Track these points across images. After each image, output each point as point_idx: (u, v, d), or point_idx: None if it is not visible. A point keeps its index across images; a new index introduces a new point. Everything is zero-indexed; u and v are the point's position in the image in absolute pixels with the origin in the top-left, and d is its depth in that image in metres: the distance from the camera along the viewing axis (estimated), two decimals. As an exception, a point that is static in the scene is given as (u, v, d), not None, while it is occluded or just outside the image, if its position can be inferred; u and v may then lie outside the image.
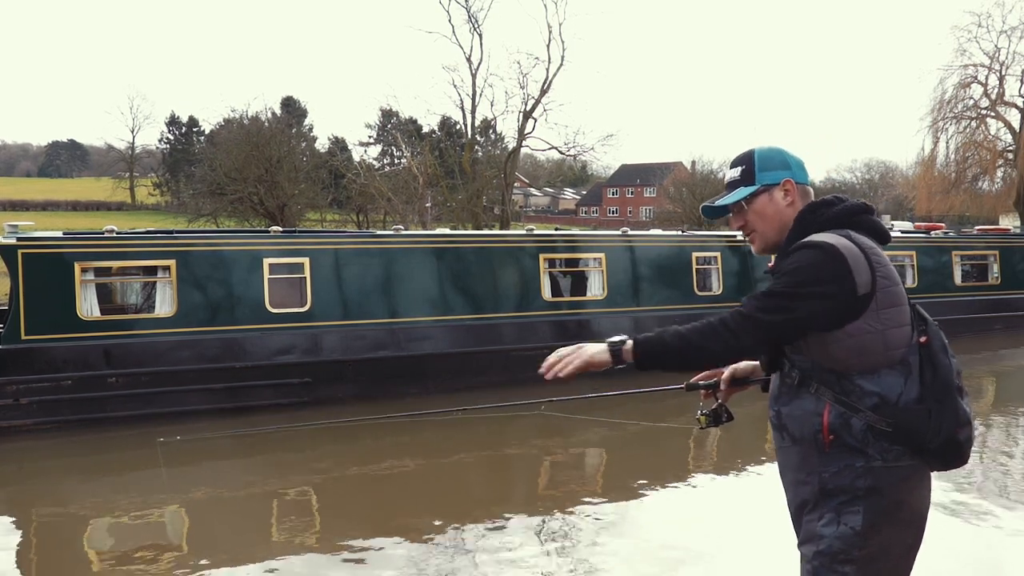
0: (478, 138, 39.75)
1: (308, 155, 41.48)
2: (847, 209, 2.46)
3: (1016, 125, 35.42)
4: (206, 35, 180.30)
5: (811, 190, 2.57)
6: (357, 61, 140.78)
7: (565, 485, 7.94)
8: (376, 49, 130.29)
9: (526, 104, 34.70)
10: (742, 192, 2.54)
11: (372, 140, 56.66)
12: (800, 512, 2.47)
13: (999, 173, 36.17)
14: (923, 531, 2.40)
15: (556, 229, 22.22)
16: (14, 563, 6.07)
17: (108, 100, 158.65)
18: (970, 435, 2.36)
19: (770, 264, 2.58)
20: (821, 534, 2.35)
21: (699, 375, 2.78)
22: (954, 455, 2.35)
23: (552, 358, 2.45)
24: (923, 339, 2.35)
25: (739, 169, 2.57)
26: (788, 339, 2.37)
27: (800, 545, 2.46)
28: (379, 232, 12.80)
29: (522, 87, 34.78)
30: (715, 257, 14.20)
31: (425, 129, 44.33)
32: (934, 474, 2.44)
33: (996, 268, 18.10)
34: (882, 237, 2.46)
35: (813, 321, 2.30)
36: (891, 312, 2.32)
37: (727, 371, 2.74)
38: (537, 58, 34.84)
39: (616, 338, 2.37)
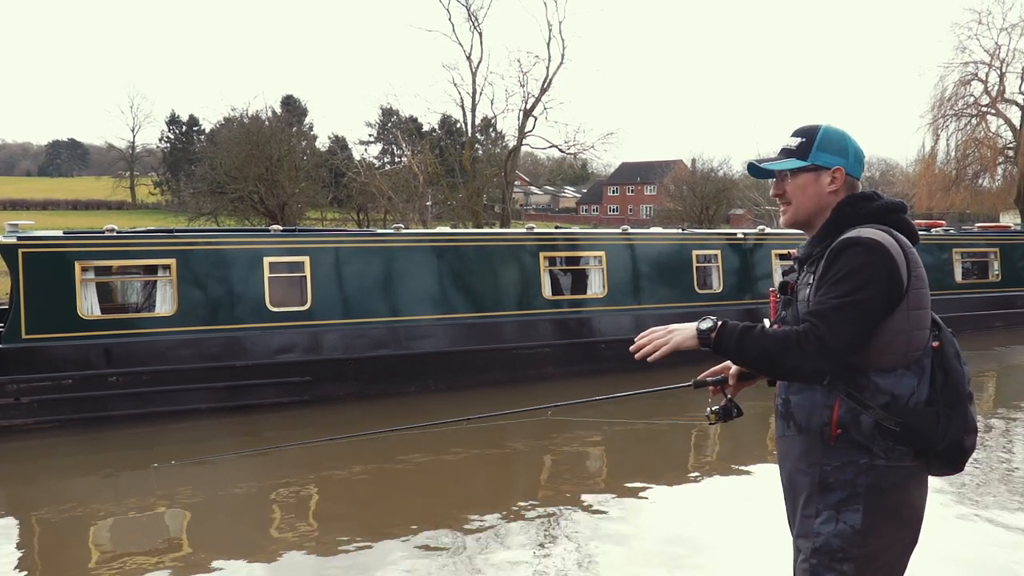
0: (478, 136, 39.78)
1: (308, 154, 41.52)
2: (886, 206, 2.46)
3: (1016, 122, 35.35)
4: (206, 34, 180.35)
5: (859, 185, 2.55)
6: (357, 59, 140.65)
7: (567, 483, 7.93)
8: (376, 47, 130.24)
9: (526, 102, 34.78)
10: (792, 163, 2.53)
11: (372, 139, 56.73)
12: (795, 501, 2.47)
13: (1000, 170, 36.12)
14: (919, 531, 2.42)
15: (556, 227, 22.22)
16: (14, 562, 6.07)
17: (108, 99, 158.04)
18: (974, 442, 2.38)
19: (792, 252, 2.60)
20: (818, 531, 2.36)
21: (707, 371, 2.78)
22: (956, 461, 2.37)
23: (643, 339, 2.45)
24: (935, 344, 2.37)
25: (798, 140, 2.55)
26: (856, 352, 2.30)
27: (796, 538, 2.47)
28: (379, 231, 12.80)
29: (522, 85, 34.88)
30: (715, 255, 14.20)
31: (425, 127, 44.47)
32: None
33: (997, 265, 18.08)
34: (913, 237, 2.46)
35: (874, 325, 2.29)
36: (918, 314, 2.33)
37: (735, 366, 2.72)
38: (537, 56, 34.99)
39: (706, 324, 2.36)
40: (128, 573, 5.86)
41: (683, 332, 2.39)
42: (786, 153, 2.56)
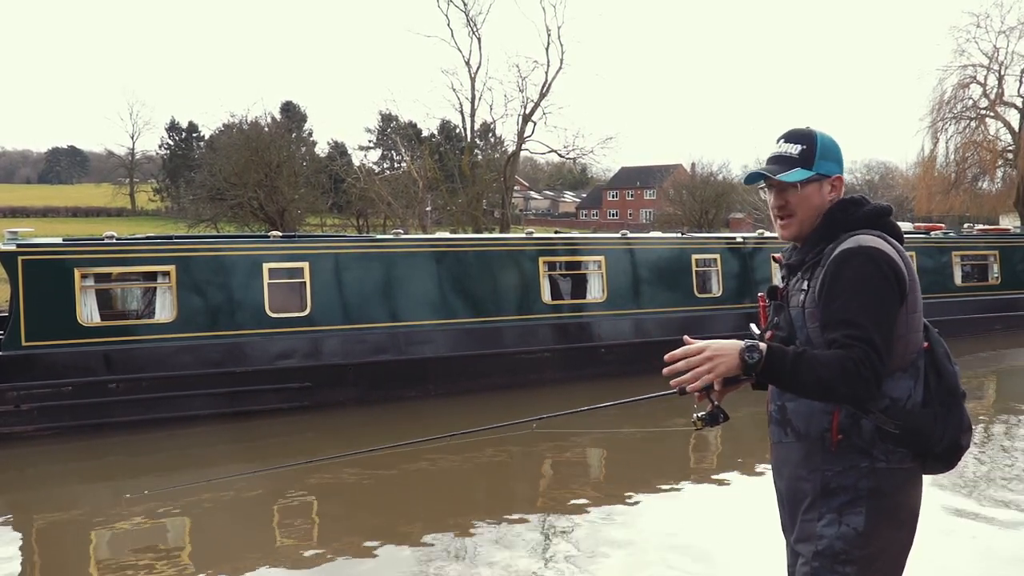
0: (477, 141, 39.83)
1: (308, 160, 41.56)
2: (876, 211, 2.45)
3: (1015, 125, 35.40)
4: (206, 40, 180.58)
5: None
6: (356, 65, 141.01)
7: (564, 490, 7.93)
8: (375, 53, 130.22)
9: (525, 107, 34.82)
10: (800, 174, 2.43)
11: (372, 144, 56.84)
12: (795, 508, 2.47)
13: (999, 173, 36.16)
14: (915, 532, 2.43)
15: (556, 232, 22.22)
16: (16, 569, 6.07)
17: (108, 106, 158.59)
18: (970, 441, 2.40)
19: (777, 256, 2.57)
20: (821, 534, 2.36)
21: None
22: (953, 459, 2.38)
23: (680, 364, 2.23)
24: (925, 345, 2.38)
25: (799, 147, 2.45)
26: None
27: (796, 543, 2.46)
28: (379, 236, 12.80)
29: (521, 90, 34.94)
30: (715, 259, 14.20)
31: (425, 133, 44.39)
32: (932, 476, 2.47)
33: (996, 268, 18.09)
34: (900, 240, 2.46)
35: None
36: (914, 317, 2.34)
37: None
38: (536, 61, 35.07)
39: (751, 353, 2.17)
40: (128, 580, 5.86)
41: (726, 361, 2.18)
42: (787, 161, 2.46)
